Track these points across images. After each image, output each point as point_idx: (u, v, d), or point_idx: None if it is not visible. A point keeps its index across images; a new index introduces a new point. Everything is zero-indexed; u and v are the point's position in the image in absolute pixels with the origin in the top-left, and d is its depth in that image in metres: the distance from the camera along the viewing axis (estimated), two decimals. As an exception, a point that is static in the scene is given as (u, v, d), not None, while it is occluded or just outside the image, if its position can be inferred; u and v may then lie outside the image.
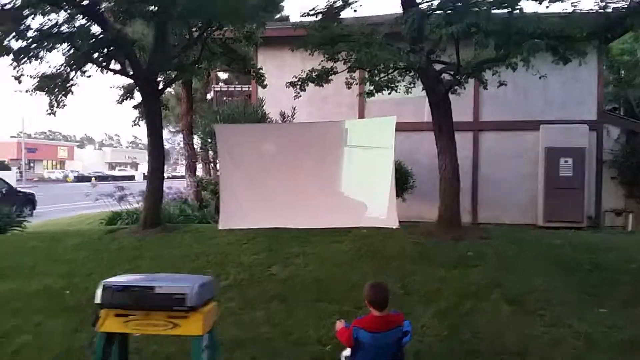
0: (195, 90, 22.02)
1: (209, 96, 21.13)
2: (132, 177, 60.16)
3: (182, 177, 26.92)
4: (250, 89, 15.41)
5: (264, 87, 11.85)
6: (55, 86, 9.23)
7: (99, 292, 3.20)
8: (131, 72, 9.20)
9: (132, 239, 8.56)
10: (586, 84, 13.19)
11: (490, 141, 13.71)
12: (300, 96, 10.59)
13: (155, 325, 3.17)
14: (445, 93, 8.81)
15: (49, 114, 9.18)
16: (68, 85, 9.45)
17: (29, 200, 21.56)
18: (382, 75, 9.94)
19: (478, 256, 7.15)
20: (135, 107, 9.81)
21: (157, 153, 9.49)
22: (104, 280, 3.25)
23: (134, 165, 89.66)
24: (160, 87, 9.92)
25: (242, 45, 11.55)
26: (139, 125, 10.44)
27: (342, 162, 9.30)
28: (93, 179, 49.08)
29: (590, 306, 5.65)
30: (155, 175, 9.46)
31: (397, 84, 10.27)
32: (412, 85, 10.64)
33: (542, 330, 5.07)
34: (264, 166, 9.14)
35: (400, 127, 13.18)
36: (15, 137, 65.97)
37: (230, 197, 9.15)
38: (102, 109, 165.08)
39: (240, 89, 16.34)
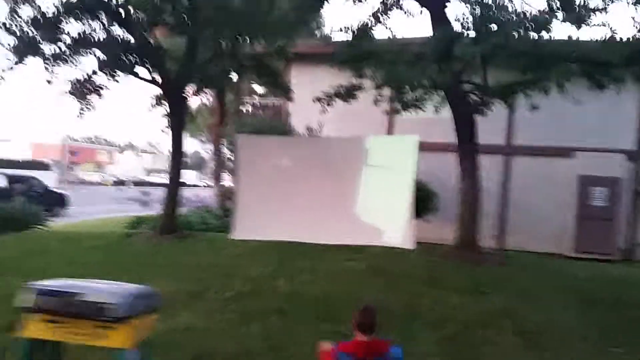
0: (230, 103, 22.42)
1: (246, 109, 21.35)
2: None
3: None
4: (282, 103, 15.51)
5: (291, 100, 11.89)
6: (86, 90, 9.48)
7: (23, 295, 3.02)
8: (159, 81, 9.34)
9: (147, 244, 8.62)
10: (626, 113, 12.58)
11: (522, 166, 13.18)
12: (327, 112, 10.60)
13: (82, 334, 2.99)
14: (471, 114, 8.59)
15: (79, 116, 9.40)
16: (98, 89, 9.69)
17: (62, 201, 22.03)
18: (408, 94, 9.83)
19: (494, 283, 6.86)
20: (164, 115, 9.93)
21: (177, 160, 9.58)
22: (30, 283, 3.11)
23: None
24: (187, 96, 10.04)
25: (274, 60, 11.64)
26: (166, 133, 10.59)
27: (360, 179, 9.11)
28: (132, 183, 49.99)
29: (607, 345, 5.30)
30: (174, 182, 9.54)
31: (424, 103, 10.12)
32: (441, 105, 10.49)
33: (551, 368, 4.78)
34: (281, 178, 9.05)
35: (428, 147, 12.90)
36: (64, 140, 68.12)
37: (245, 206, 9.06)
38: (146, 117, 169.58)
39: (272, 103, 16.44)
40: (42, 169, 49.50)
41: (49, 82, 8.92)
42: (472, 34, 7.93)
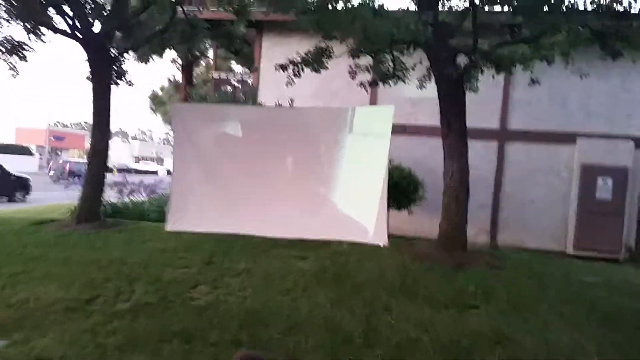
0: (204, 83, 20.68)
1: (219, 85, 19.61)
2: (155, 172, 59.43)
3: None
4: (252, 78, 13.90)
5: (254, 70, 10.31)
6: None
7: None
8: (80, 36, 7.59)
9: (53, 234, 6.95)
10: (636, 94, 11.16)
11: (518, 153, 11.79)
12: (293, 83, 9.05)
13: None
14: (458, 80, 6.94)
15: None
16: (17, 49, 8.05)
17: (23, 185, 20.64)
18: (386, 61, 8.28)
19: (482, 293, 5.22)
20: (88, 78, 8.19)
21: (101, 133, 7.85)
22: None
23: (160, 160, 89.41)
24: (112, 55, 8.26)
25: (238, 24, 9.96)
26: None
27: (324, 160, 7.46)
28: (116, 169, 48.68)
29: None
30: (96, 160, 7.81)
31: (405, 72, 8.51)
32: (427, 78, 8.93)
33: None
34: (227, 157, 7.34)
35: (415, 131, 11.66)
36: (51, 125, 66.28)
37: (183, 192, 7.34)
38: (137, 104, 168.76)
39: (241, 77, 14.75)
40: (23, 154, 48.70)
41: None
42: None
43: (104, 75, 7.89)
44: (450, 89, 6.99)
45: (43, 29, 8.03)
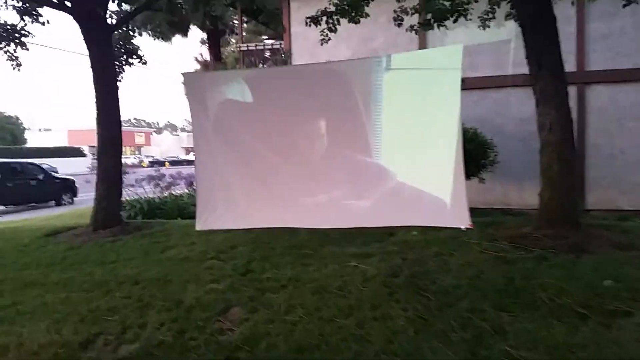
0: (236, 61, 19.45)
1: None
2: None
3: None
4: (283, 46, 12.59)
5: (281, 31, 9.00)
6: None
7: None
8: (68, 4, 6.37)
9: (64, 247, 5.83)
10: None
11: (601, 98, 10.16)
12: (327, 39, 7.78)
13: None
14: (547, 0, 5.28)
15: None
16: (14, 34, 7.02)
17: (69, 188, 20.27)
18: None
19: (627, 289, 3.63)
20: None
21: (109, 121, 6.66)
22: None
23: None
24: (110, 24, 7.01)
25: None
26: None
27: (378, 124, 5.96)
28: (168, 163, 49.12)
29: None
30: (108, 153, 6.65)
31: (466, 7, 6.93)
32: (491, 13, 7.35)
33: None
34: (259, 135, 6.01)
35: (474, 84, 10.28)
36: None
37: (210, 183, 6.09)
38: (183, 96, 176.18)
39: (270, 46, 13.35)
40: (76, 156, 50.13)
41: None
42: None
43: (103, 49, 6.63)
44: (537, 14, 5.32)
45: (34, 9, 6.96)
